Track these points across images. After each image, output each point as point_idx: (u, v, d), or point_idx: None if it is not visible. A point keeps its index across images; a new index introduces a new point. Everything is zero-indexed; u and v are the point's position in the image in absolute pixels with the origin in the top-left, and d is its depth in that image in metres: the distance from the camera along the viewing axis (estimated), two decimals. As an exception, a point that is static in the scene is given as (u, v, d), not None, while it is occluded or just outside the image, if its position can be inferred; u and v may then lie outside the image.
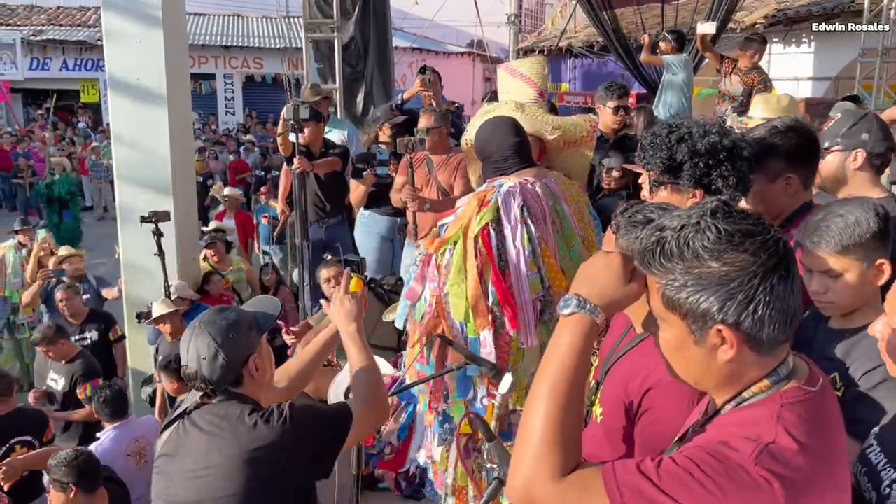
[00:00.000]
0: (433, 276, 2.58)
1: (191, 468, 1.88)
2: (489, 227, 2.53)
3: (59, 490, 3.24)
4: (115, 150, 5.43)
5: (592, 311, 1.22)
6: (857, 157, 2.36)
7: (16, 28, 21.81)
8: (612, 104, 4.43)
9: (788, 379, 1.15)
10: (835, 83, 10.59)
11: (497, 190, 2.61)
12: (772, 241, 1.10)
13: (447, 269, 2.54)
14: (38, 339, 4.80)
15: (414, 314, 2.65)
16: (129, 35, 5.12)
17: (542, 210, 2.63)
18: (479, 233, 2.52)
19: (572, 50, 14.05)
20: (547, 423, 1.15)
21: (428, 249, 2.62)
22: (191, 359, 1.92)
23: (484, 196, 2.61)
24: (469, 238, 2.52)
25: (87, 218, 14.72)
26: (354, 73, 7.82)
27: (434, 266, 2.58)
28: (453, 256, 2.54)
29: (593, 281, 1.26)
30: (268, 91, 22.49)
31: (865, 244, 1.72)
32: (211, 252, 6.25)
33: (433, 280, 2.58)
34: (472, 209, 2.57)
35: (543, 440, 1.14)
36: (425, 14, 16.94)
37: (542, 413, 1.16)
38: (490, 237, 2.52)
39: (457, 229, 2.56)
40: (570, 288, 1.28)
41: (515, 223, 2.55)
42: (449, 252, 2.55)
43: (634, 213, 1.71)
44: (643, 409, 1.59)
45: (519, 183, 2.62)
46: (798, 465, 1.05)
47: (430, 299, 2.59)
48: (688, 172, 2.05)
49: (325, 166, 5.32)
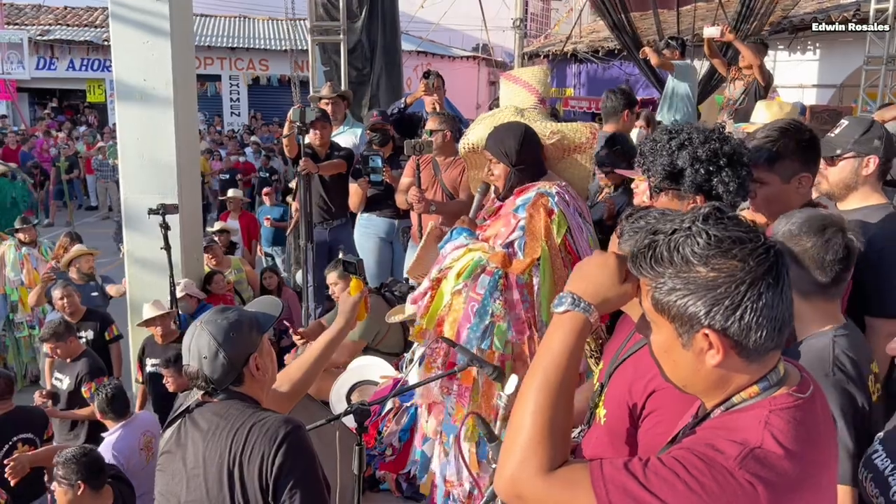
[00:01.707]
0: (524, 297, 2.49)
1: (191, 466, 1.90)
2: (567, 234, 2.52)
3: (67, 487, 3.23)
4: (120, 150, 5.45)
5: (586, 309, 1.25)
6: (870, 163, 2.39)
7: (23, 27, 21.90)
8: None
9: (779, 385, 1.16)
10: (839, 91, 10.60)
11: (550, 197, 2.58)
12: (762, 248, 1.11)
13: (538, 289, 2.48)
14: (46, 335, 4.77)
15: (490, 343, 2.50)
16: (136, 37, 5.15)
17: (587, 212, 2.67)
18: (563, 241, 2.50)
19: (577, 55, 14.07)
20: (536, 418, 1.18)
21: (510, 272, 2.50)
22: (192, 357, 1.94)
23: (544, 205, 2.56)
24: (554, 249, 2.48)
25: (91, 217, 14.79)
26: (360, 75, 7.85)
27: (522, 287, 2.49)
28: (541, 272, 2.48)
29: (588, 279, 1.28)
30: (273, 93, 22.55)
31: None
32: (208, 255, 6.25)
33: (525, 301, 2.50)
34: (543, 220, 2.52)
35: (532, 434, 1.17)
36: (431, 18, 16.98)
37: (532, 408, 1.19)
38: (573, 244, 2.51)
39: (539, 244, 2.50)
40: (566, 286, 1.30)
41: (579, 227, 2.55)
42: (535, 269, 2.49)
43: (638, 218, 1.72)
44: (647, 411, 1.60)
45: (560, 187, 2.62)
46: (783, 470, 1.06)
47: (516, 322, 2.50)
48: (689, 179, 2.06)
49: (330, 168, 5.34)
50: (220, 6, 22.85)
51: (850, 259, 1.87)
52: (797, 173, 2.27)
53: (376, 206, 5.27)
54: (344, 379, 3.63)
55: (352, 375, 3.64)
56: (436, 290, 2.64)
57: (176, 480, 1.93)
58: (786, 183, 2.28)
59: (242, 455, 1.84)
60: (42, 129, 18.54)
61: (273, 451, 1.82)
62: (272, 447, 1.82)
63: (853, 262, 1.88)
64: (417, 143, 4.24)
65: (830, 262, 1.83)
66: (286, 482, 1.82)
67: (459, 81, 18.19)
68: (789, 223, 1.90)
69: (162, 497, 1.97)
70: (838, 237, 1.84)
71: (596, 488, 1.09)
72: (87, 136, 17.44)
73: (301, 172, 4.95)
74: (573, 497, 1.11)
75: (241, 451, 1.84)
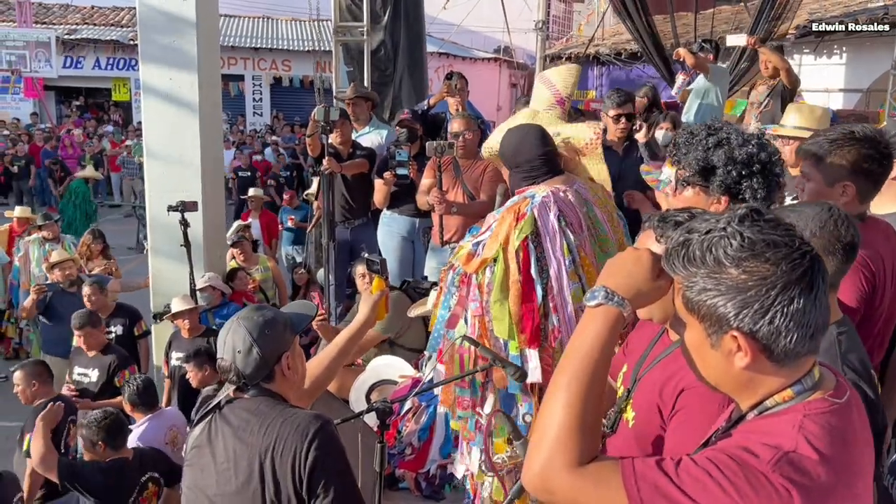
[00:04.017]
0: (474, 296, 2.54)
1: (220, 461, 1.93)
2: (528, 240, 2.49)
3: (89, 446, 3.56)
4: (146, 149, 5.53)
5: (620, 303, 1.24)
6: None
7: (51, 27, 22.25)
8: (612, 112, 4.31)
9: (813, 390, 1.15)
10: (866, 95, 10.46)
11: (531, 201, 2.57)
12: (798, 253, 1.10)
13: (489, 288, 2.50)
14: (79, 323, 4.79)
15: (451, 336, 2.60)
16: (162, 37, 5.22)
17: (577, 217, 2.60)
18: (520, 246, 2.48)
19: (599, 57, 14.01)
20: (568, 412, 1.16)
21: (466, 269, 2.57)
22: (227, 351, 1.98)
23: (518, 209, 2.56)
24: (510, 253, 2.48)
25: (114, 214, 14.97)
26: (383, 76, 7.87)
27: (475, 286, 2.54)
28: (494, 274, 2.49)
29: (622, 274, 1.27)
30: (295, 94, 22.69)
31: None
32: (237, 251, 6.31)
33: (474, 300, 2.54)
34: (508, 224, 2.53)
35: (563, 427, 1.15)
36: (453, 20, 16.99)
37: (564, 401, 1.17)
38: (529, 251, 2.49)
39: (496, 246, 2.51)
40: (597, 280, 1.29)
41: (554, 234, 2.51)
42: (489, 270, 2.51)
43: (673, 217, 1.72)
44: (675, 409, 1.59)
45: (551, 192, 2.59)
46: (818, 475, 1.05)
47: (471, 320, 2.55)
48: (720, 178, 2.05)
49: (353, 168, 5.37)
50: (244, 6, 23.04)
51: (853, 252, 1.84)
52: (841, 180, 2.24)
53: (398, 202, 5.28)
54: (363, 379, 3.66)
55: (371, 375, 3.66)
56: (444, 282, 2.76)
57: (205, 475, 1.96)
58: (829, 187, 2.25)
59: (274, 451, 1.86)
60: (67, 127, 18.82)
61: (305, 446, 1.84)
62: (304, 442, 1.85)
63: (855, 256, 1.86)
64: (439, 144, 4.25)
65: (835, 254, 1.81)
66: (320, 477, 1.84)
67: (481, 83, 18.15)
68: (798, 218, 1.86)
69: (189, 491, 2.00)
70: (842, 230, 1.82)
71: (627, 485, 1.09)
72: (112, 135, 17.67)
73: (325, 172, 4.98)
74: (604, 493, 1.10)
75: (272, 446, 1.86)
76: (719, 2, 10.63)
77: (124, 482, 3.63)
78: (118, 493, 3.60)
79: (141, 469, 3.72)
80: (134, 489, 3.64)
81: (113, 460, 3.65)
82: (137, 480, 3.67)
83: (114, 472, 3.62)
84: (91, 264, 6.82)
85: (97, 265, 6.81)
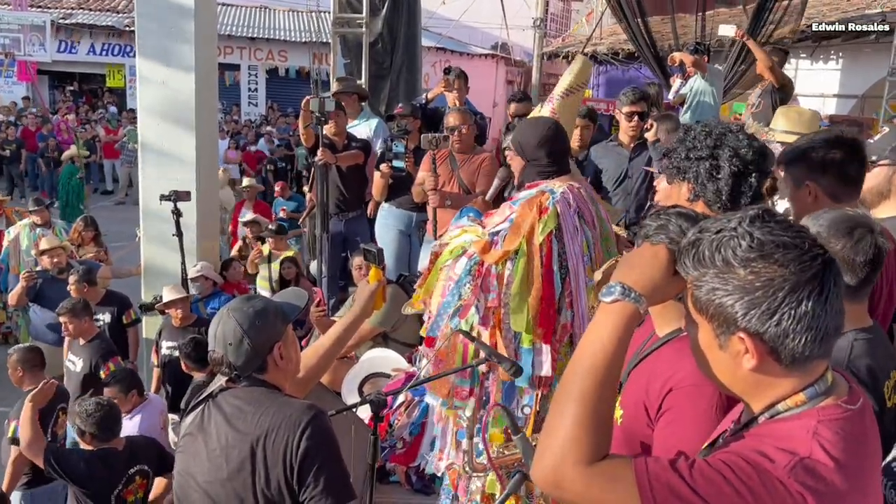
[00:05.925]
0: (493, 286, 2.49)
1: (212, 448, 1.93)
2: (552, 234, 2.47)
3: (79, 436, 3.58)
4: (141, 136, 5.50)
5: (637, 299, 1.21)
6: None
7: (46, 10, 22.05)
8: (625, 109, 4.34)
9: (826, 395, 1.14)
10: (861, 101, 10.50)
11: (551, 196, 2.55)
12: (808, 256, 1.08)
13: (509, 280, 2.47)
14: (63, 310, 4.75)
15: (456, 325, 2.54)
16: (160, 24, 5.18)
17: (591, 215, 2.61)
18: (544, 241, 2.46)
19: (597, 56, 14.00)
20: (581, 407, 1.14)
21: (486, 259, 2.51)
22: (218, 343, 1.97)
23: (540, 202, 2.54)
24: (534, 247, 2.46)
25: (106, 201, 14.89)
26: (381, 69, 7.84)
27: (493, 276, 2.49)
28: (515, 266, 2.46)
29: (638, 270, 1.25)
30: (291, 84, 22.56)
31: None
32: (271, 241, 6.33)
33: (492, 290, 2.49)
34: (532, 217, 2.50)
35: (577, 423, 1.13)
36: (451, 15, 16.96)
37: (577, 396, 1.15)
38: (552, 246, 2.48)
39: (519, 239, 2.48)
40: (612, 276, 1.27)
41: (574, 229, 2.51)
42: (510, 262, 2.48)
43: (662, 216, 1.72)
44: (663, 409, 1.59)
45: (567, 188, 2.60)
46: (832, 481, 1.05)
47: (483, 311, 2.50)
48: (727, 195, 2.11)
49: (348, 159, 5.35)
50: (242, -5, 22.94)
51: (880, 260, 1.82)
52: (804, 179, 2.26)
53: (395, 195, 5.26)
54: (356, 371, 3.65)
55: (364, 367, 3.65)
56: (433, 264, 2.68)
57: (196, 461, 1.96)
58: (797, 187, 2.27)
59: (266, 439, 1.86)
60: (63, 111, 18.69)
61: (297, 436, 1.84)
62: (296, 432, 1.85)
63: (882, 264, 1.84)
64: (434, 137, 4.24)
65: (861, 265, 1.79)
66: (311, 466, 1.84)
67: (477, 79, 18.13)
68: (817, 224, 1.85)
69: (180, 476, 2.01)
70: (867, 238, 1.80)
71: (640, 484, 1.07)
72: (107, 121, 17.54)
73: (318, 163, 4.96)
74: (616, 491, 1.09)
75: (264, 435, 1.86)
76: (718, 4, 10.64)
77: (110, 473, 3.60)
78: (102, 483, 3.57)
79: (130, 460, 3.69)
80: (120, 480, 3.61)
81: (101, 450, 3.62)
82: (125, 472, 3.64)
83: (99, 461, 3.59)
84: (82, 251, 6.78)
85: (88, 252, 6.77)
